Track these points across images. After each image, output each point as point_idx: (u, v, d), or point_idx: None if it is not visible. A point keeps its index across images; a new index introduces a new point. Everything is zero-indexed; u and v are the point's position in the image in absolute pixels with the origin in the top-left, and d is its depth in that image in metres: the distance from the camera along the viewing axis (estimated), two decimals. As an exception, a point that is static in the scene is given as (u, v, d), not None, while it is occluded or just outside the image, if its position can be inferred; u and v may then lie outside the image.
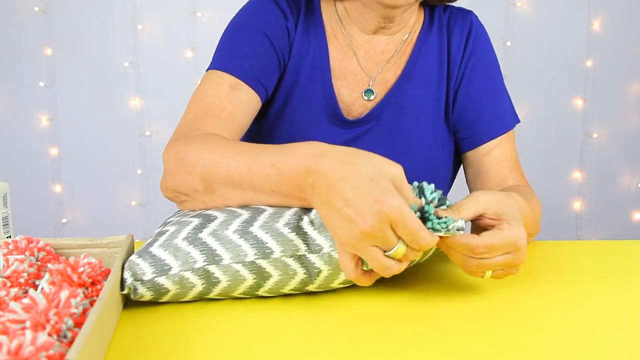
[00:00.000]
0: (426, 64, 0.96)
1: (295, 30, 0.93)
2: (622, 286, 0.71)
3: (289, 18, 0.93)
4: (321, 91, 0.94)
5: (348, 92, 0.95)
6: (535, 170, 2.40)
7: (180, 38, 2.26)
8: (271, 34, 0.91)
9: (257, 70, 0.89)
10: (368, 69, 0.96)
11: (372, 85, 0.95)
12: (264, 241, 0.64)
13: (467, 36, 0.97)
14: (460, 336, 0.58)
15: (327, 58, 0.94)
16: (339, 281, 0.66)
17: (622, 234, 2.42)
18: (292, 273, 0.65)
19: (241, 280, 0.65)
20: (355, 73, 0.95)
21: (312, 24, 0.95)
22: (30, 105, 2.29)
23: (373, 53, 0.96)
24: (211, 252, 0.64)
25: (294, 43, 0.93)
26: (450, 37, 0.97)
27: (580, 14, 2.34)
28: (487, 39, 1.00)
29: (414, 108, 0.95)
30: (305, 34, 0.94)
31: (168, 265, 0.63)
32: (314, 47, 0.94)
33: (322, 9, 0.96)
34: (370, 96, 0.94)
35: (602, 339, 0.57)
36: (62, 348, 0.46)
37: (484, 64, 0.98)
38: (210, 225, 0.65)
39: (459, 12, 0.99)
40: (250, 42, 0.90)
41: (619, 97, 2.40)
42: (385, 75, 0.96)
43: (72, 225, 2.36)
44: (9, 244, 0.67)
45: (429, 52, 0.97)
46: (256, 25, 0.91)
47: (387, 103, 0.95)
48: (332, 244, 0.64)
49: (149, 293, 0.63)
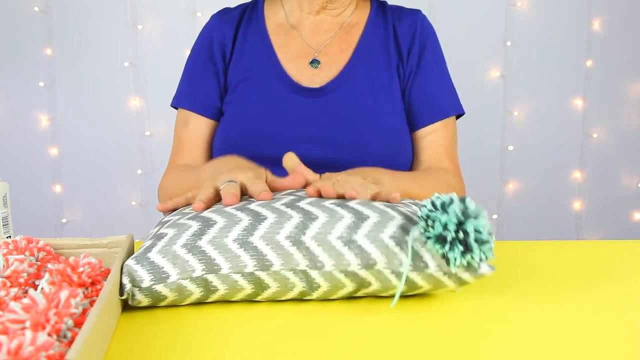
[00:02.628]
0: (375, 50, 1.06)
1: (233, 39, 1.08)
2: (622, 286, 0.71)
3: (224, 33, 1.08)
4: (273, 71, 1.04)
5: (295, 65, 1.05)
6: (535, 170, 2.41)
7: (180, 38, 2.25)
8: (209, 56, 1.08)
9: (201, 98, 1.07)
10: (312, 44, 1.07)
11: (317, 56, 1.06)
12: (264, 253, 0.63)
13: (415, 29, 1.07)
14: (460, 336, 0.58)
15: (271, 45, 1.06)
16: (337, 296, 0.66)
17: (622, 234, 2.42)
18: (291, 286, 0.64)
19: (239, 289, 0.64)
20: (299, 48, 1.07)
21: (255, 25, 1.08)
22: (30, 105, 2.29)
23: (317, 31, 1.08)
24: (210, 261, 0.63)
25: (233, 50, 1.07)
26: (397, 29, 1.07)
27: (580, 14, 2.34)
28: (434, 33, 1.10)
29: (369, 88, 1.03)
30: (245, 36, 1.07)
31: (166, 273, 0.63)
32: (256, 42, 1.07)
33: (265, 10, 1.10)
34: (316, 65, 1.05)
35: (602, 339, 0.57)
36: (62, 348, 0.46)
37: (430, 55, 1.07)
38: (209, 232, 0.64)
39: (407, 10, 1.11)
40: (194, 72, 1.09)
41: (619, 97, 2.40)
42: (330, 48, 1.06)
43: (72, 225, 2.35)
44: (9, 244, 0.67)
45: (377, 40, 1.07)
46: (196, 55, 1.10)
47: (341, 79, 1.03)
48: (334, 262, 0.63)
49: (147, 299, 0.63)
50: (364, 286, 0.65)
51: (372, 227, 0.64)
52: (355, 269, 0.63)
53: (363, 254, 0.63)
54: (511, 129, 2.37)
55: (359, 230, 0.63)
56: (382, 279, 0.64)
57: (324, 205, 0.67)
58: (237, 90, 1.05)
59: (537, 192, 2.40)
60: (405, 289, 0.64)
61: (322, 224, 0.64)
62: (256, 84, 1.04)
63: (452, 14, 2.27)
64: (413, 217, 0.66)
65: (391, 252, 0.63)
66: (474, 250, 0.60)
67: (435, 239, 0.61)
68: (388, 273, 0.63)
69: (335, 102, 1.02)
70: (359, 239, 0.63)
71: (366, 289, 0.65)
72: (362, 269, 0.63)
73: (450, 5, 2.29)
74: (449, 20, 2.24)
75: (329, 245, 0.63)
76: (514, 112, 2.36)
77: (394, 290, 0.65)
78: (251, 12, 1.10)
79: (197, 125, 1.07)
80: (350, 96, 1.02)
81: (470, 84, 2.28)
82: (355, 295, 0.67)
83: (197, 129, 1.07)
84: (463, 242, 0.60)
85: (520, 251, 0.86)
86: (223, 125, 1.05)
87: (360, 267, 0.63)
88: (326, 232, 0.63)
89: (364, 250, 0.63)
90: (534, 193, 2.40)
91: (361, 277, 0.64)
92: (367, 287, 0.65)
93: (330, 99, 1.02)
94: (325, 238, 0.63)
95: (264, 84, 1.04)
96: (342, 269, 0.63)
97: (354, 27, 1.08)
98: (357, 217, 0.65)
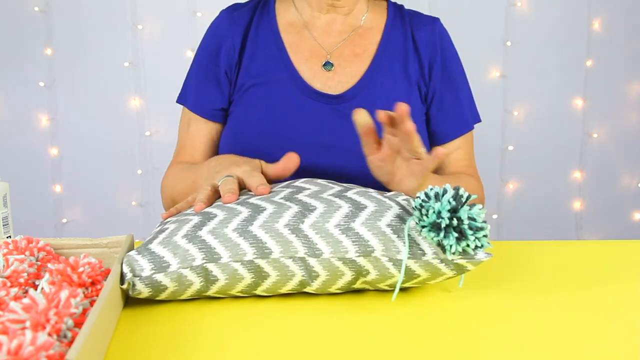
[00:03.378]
0: (394, 60, 1.04)
1: (244, 39, 1.04)
2: (622, 286, 0.71)
3: (233, 35, 1.04)
4: (287, 73, 1.01)
5: (307, 66, 1.03)
6: (535, 170, 2.41)
7: (180, 38, 2.25)
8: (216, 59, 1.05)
9: (205, 102, 1.05)
10: (324, 45, 1.04)
11: (329, 58, 1.03)
12: (264, 241, 0.64)
13: (435, 41, 1.05)
14: (460, 335, 0.58)
15: (283, 45, 1.03)
16: (336, 287, 0.66)
17: (622, 234, 2.42)
18: (291, 274, 0.65)
19: (239, 279, 0.65)
20: (311, 49, 1.04)
21: (266, 22, 1.05)
22: (30, 105, 2.29)
23: (330, 31, 1.05)
24: (210, 250, 0.64)
25: (244, 52, 1.04)
26: (417, 39, 1.05)
27: (580, 14, 2.34)
28: (452, 43, 1.09)
29: (387, 98, 1.00)
30: (257, 35, 1.04)
31: (167, 262, 0.63)
32: (268, 41, 1.04)
33: (276, 7, 1.07)
34: (329, 68, 1.02)
35: (602, 339, 0.57)
36: (62, 348, 0.46)
37: (453, 68, 1.07)
38: (209, 224, 0.66)
39: (425, 18, 1.08)
40: (199, 73, 1.07)
41: (619, 97, 2.40)
42: (343, 51, 1.04)
43: (72, 225, 2.35)
44: (9, 244, 0.67)
45: (395, 48, 1.04)
46: (202, 55, 1.07)
47: (360, 87, 1.01)
48: (332, 250, 0.64)
49: (147, 290, 0.64)
50: (362, 275, 0.65)
51: (369, 215, 0.65)
52: (353, 257, 0.64)
53: (361, 242, 0.64)
54: (511, 129, 2.37)
55: (356, 219, 0.65)
56: (380, 267, 0.64)
57: (323, 197, 0.68)
58: (249, 92, 1.02)
59: (537, 192, 2.40)
60: (404, 278, 0.65)
61: (320, 213, 0.65)
62: (270, 86, 1.01)
63: (452, 14, 2.27)
64: (409, 209, 0.67)
65: (388, 240, 0.64)
66: (468, 237, 0.60)
67: (429, 227, 0.62)
68: (386, 261, 0.64)
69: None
70: (356, 227, 0.64)
71: (364, 277, 0.65)
72: (360, 257, 0.64)
73: (450, 5, 2.29)
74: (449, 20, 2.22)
75: (327, 232, 0.64)
76: (514, 112, 2.36)
77: (392, 279, 0.65)
78: (262, 9, 1.07)
79: (198, 128, 1.07)
80: (370, 106, 0.96)
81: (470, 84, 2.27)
82: (355, 285, 0.67)
83: (198, 131, 1.07)
84: (457, 229, 0.61)
85: (520, 251, 0.86)
86: (233, 128, 1.03)
87: (358, 254, 0.64)
88: (324, 221, 0.65)
89: (362, 237, 0.64)
90: (534, 193, 2.40)
91: (359, 264, 0.64)
92: (365, 275, 0.65)
93: (349, 107, 0.97)
94: (323, 226, 0.64)
95: (277, 87, 1.01)
96: (340, 256, 0.64)
97: (369, 32, 1.06)
98: (354, 206, 0.66)
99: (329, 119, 0.99)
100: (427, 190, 0.63)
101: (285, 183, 0.77)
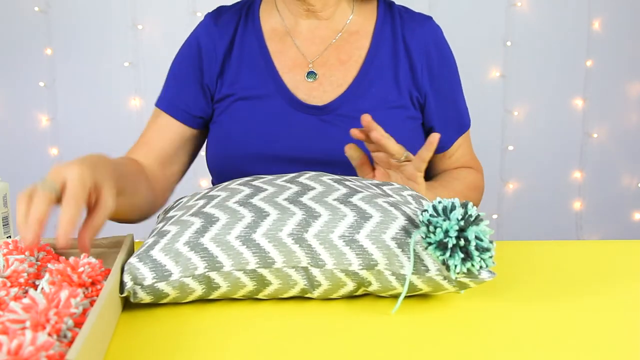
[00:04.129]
0: (384, 66, 0.99)
1: (229, 47, 1.01)
2: (622, 286, 0.71)
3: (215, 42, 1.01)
4: (272, 84, 0.98)
5: (291, 76, 0.99)
6: (535, 170, 2.41)
7: (180, 38, 2.24)
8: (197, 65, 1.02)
9: (178, 98, 1.02)
10: (307, 54, 1.00)
11: (312, 68, 1.00)
12: (267, 250, 0.63)
13: (428, 44, 1.01)
14: (460, 336, 0.58)
15: (268, 53, 1.00)
16: (337, 294, 0.66)
17: (622, 234, 2.42)
18: (293, 283, 0.64)
19: (241, 286, 0.64)
20: (294, 57, 1.00)
21: (251, 28, 1.02)
22: (30, 105, 2.29)
23: (313, 38, 1.01)
24: (212, 258, 0.63)
25: (229, 60, 1.00)
26: (408, 43, 1.00)
27: (580, 14, 2.34)
28: (446, 43, 1.04)
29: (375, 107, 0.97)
30: (242, 42, 1.01)
31: (169, 271, 0.62)
32: (253, 48, 1.00)
33: (260, 11, 1.03)
34: (313, 78, 0.99)
35: (602, 339, 0.57)
36: (62, 348, 0.46)
37: (447, 73, 1.03)
38: (212, 229, 0.64)
39: (418, 17, 1.03)
40: (176, 75, 1.05)
41: (619, 97, 2.40)
42: (327, 59, 1.00)
43: (72, 225, 2.35)
44: (9, 244, 0.67)
45: (385, 52, 1.00)
46: (181, 60, 1.05)
47: (346, 97, 0.97)
48: (335, 262, 0.63)
49: (149, 297, 0.63)
50: (364, 285, 0.65)
51: (374, 227, 0.64)
52: (356, 269, 0.63)
53: (364, 255, 0.63)
54: (511, 129, 2.37)
55: (361, 230, 0.63)
56: (383, 280, 0.64)
57: (327, 202, 0.66)
58: (234, 103, 0.99)
59: (537, 192, 2.40)
60: None
61: (325, 222, 0.64)
62: (256, 99, 0.98)
63: (452, 14, 2.27)
64: (415, 219, 0.66)
65: (392, 254, 0.63)
66: (474, 258, 0.60)
67: (436, 245, 0.61)
68: (389, 274, 0.63)
69: (341, 121, 0.96)
70: (361, 239, 0.63)
71: (366, 288, 0.65)
72: (363, 270, 0.63)
73: (450, 5, 2.28)
74: (448, 20, 2.23)
75: (331, 243, 0.63)
76: (514, 112, 2.36)
77: (393, 291, 0.65)
78: (247, 14, 1.03)
79: (164, 122, 1.02)
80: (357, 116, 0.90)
81: (470, 84, 2.26)
82: (356, 293, 0.67)
83: (163, 125, 1.02)
84: (464, 249, 0.60)
85: (520, 251, 0.86)
86: (219, 140, 1.01)
87: (361, 267, 0.63)
88: (329, 231, 0.63)
89: (366, 250, 0.63)
90: (534, 193, 2.40)
91: (362, 276, 0.64)
92: (367, 286, 0.65)
93: (335, 117, 0.96)
94: (327, 236, 0.63)
95: (263, 100, 0.98)
96: (343, 268, 0.63)
97: (356, 36, 1.01)
98: (359, 215, 0.65)
99: (316, 131, 0.96)
100: (435, 204, 0.62)
101: (290, 176, 0.74)
